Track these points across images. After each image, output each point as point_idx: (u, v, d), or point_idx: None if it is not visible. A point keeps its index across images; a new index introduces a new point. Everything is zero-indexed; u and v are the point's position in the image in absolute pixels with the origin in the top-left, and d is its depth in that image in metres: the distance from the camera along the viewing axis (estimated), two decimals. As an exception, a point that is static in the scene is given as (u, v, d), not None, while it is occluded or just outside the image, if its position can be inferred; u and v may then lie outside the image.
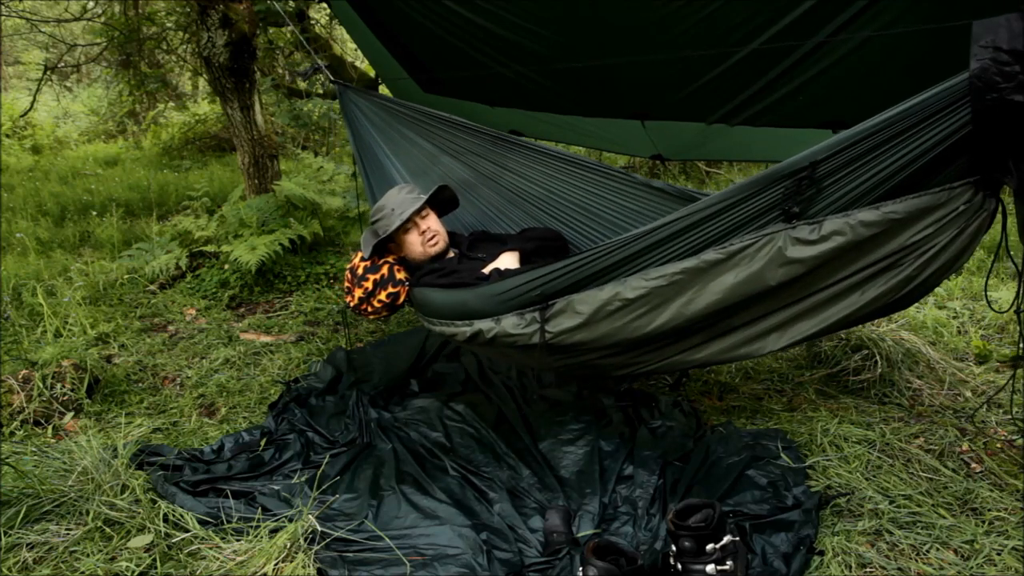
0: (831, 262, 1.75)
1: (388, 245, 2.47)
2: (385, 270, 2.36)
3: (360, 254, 2.42)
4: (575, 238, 2.49)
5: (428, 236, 2.39)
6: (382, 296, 2.35)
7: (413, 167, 2.69)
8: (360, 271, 2.38)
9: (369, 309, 2.39)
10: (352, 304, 2.42)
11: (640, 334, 1.89)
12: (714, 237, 1.79)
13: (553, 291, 1.93)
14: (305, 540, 1.72)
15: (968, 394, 2.49)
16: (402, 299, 2.37)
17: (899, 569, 1.64)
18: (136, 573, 1.63)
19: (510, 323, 1.99)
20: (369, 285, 2.35)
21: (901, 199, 1.66)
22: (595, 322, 1.90)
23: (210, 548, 1.72)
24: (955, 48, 1.50)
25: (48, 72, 7.19)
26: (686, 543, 1.59)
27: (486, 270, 2.27)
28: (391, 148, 2.72)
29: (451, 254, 2.47)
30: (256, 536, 1.74)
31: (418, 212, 2.37)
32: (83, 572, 1.64)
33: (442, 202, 2.51)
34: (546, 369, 2.47)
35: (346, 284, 2.45)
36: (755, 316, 1.90)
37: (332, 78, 2.74)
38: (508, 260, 2.31)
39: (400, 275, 2.37)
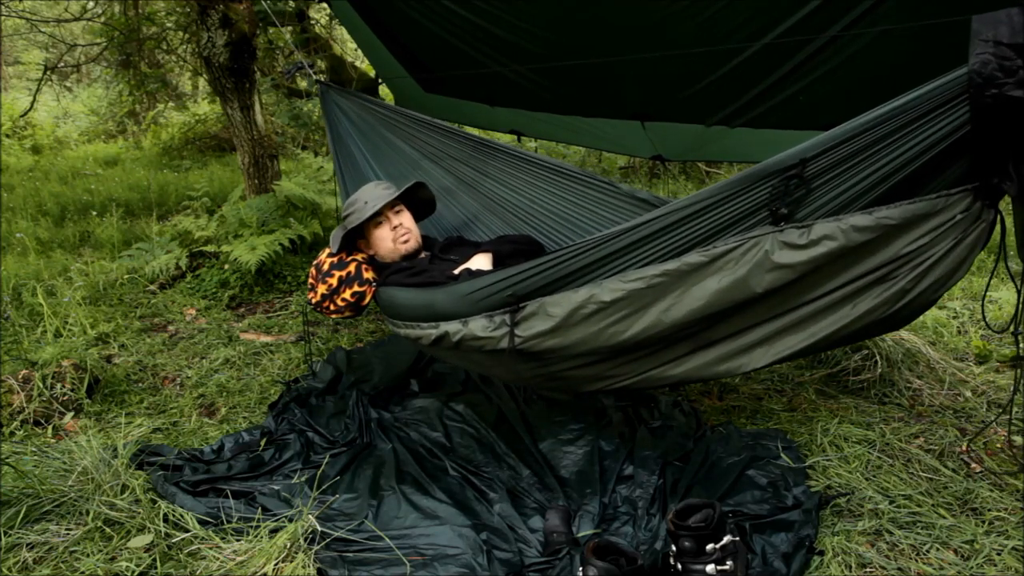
0: (821, 270, 1.66)
1: (358, 242, 2.40)
2: (352, 267, 2.28)
3: (327, 250, 2.33)
4: (554, 249, 2.43)
5: (400, 232, 2.31)
6: (346, 295, 2.26)
7: (392, 171, 2.64)
8: (325, 267, 2.29)
9: (331, 308, 2.30)
10: (314, 301, 2.32)
11: (616, 342, 1.78)
12: (698, 238, 1.69)
13: (525, 292, 1.82)
14: (305, 540, 1.72)
15: (968, 394, 2.49)
16: (367, 299, 2.28)
17: (899, 569, 1.64)
18: (136, 573, 1.63)
19: (478, 325, 1.88)
20: (333, 282, 2.26)
21: (896, 204, 1.59)
22: (568, 326, 1.79)
23: (210, 548, 1.72)
24: (956, 52, 1.48)
25: (48, 72, 7.18)
26: (686, 543, 1.58)
27: (457, 271, 2.19)
28: (371, 151, 2.68)
29: (423, 256, 2.40)
30: (256, 536, 1.74)
31: (391, 206, 2.31)
32: (83, 572, 1.64)
33: (419, 204, 2.45)
34: (516, 379, 2.30)
35: (310, 281, 2.35)
36: (739, 328, 1.79)
37: (315, 77, 2.72)
38: (481, 261, 2.23)
39: (368, 274, 2.28)
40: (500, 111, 3.37)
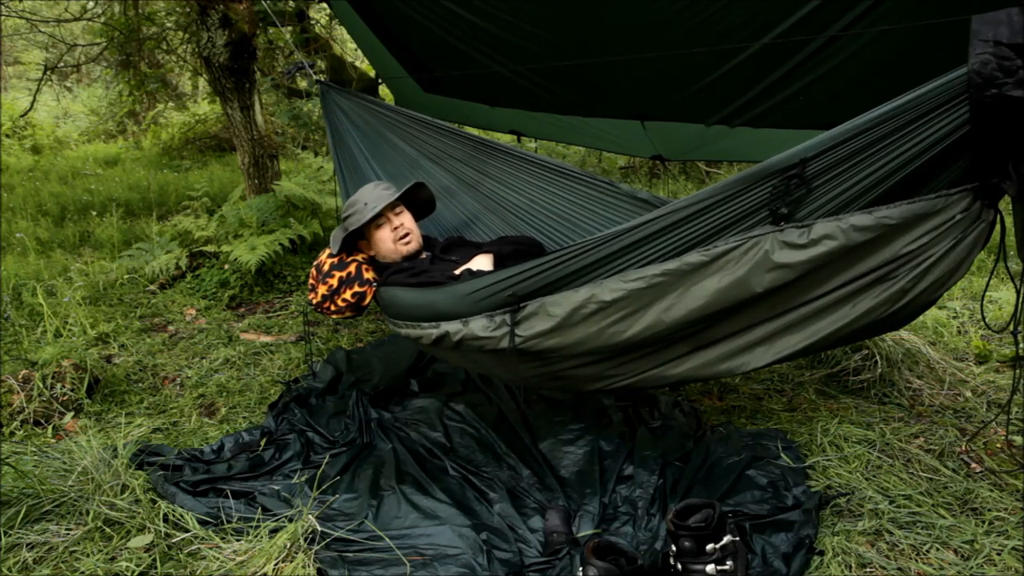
0: (821, 269, 1.66)
1: (359, 243, 2.40)
2: (352, 268, 2.28)
3: (328, 251, 2.34)
4: (554, 249, 2.43)
5: (400, 233, 2.31)
6: (347, 295, 2.26)
7: (392, 171, 2.63)
8: (326, 268, 2.29)
9: (332, 308, 2.30)
10: (315, 302, 2.32)
11: (616, 341, 1.78)
12: (698, 238, 1.68)
13: (526, 292, 1.82)
14: (305, 540, 1.72)
15: (968, 394, 2.49)
16: (368, 300, 2.27)
17: (899, 569, 1.64)
18: (136, 573, 1.63)
19: (479, 325, 1.88)
20: (334, 283, 2.26)
21: (896, 204, 1.59)
22: (569, 326, 1.79)
23: (210, 548, 1.72)
24: (955, 53, 1.48)
25: (48, 72, 7.18)
26: (686, 543, 1.58)
27: (458, 271, 2.19)
28: (371, 151, 2.67)
29: (423, 256, 2.40)
30: (256, 536, 1.74)
31: (392, 207, 2.31)
32: (83, 572, 1.64)
33: (419, 204, 2.45)
34: (516, 379, 2.26)
35: (310, 281, 2.35)
36: (739, 327, 1.79)
37: (316, 77, 2.72)
38: (482, 262, 2.23)
39: (368, 275, 2.28)
40: (500, 111, 3.37)
